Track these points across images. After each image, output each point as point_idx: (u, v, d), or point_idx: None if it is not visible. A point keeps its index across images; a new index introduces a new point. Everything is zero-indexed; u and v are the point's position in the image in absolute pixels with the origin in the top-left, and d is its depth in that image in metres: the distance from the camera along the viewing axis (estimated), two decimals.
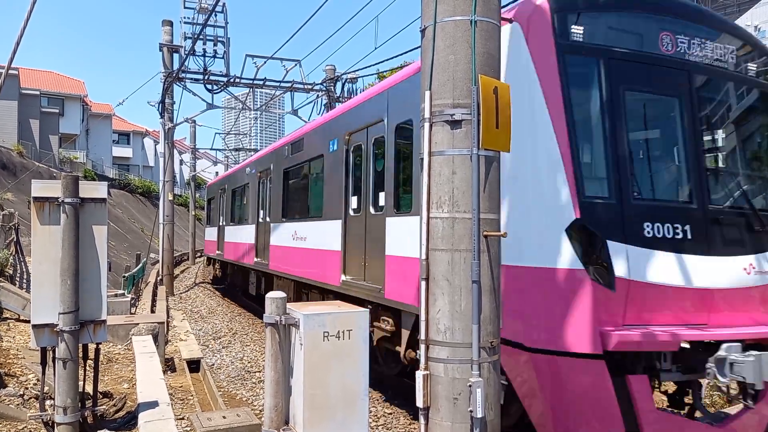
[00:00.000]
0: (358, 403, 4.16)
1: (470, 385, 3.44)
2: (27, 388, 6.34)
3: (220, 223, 21.00)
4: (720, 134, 5.38)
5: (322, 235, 9.45)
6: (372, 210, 7.74)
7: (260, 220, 14.44)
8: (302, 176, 11.15)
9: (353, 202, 8.46)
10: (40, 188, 4.98)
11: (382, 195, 7.40)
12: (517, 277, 4.51)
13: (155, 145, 58.10)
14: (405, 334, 6.79)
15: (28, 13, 6.12)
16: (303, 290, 11.09)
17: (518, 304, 4.48)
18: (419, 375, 3.61)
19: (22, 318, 10.34)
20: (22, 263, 14.81)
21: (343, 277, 8.52)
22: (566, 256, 4.25)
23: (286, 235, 11.70)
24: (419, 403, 3.61)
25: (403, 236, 6.62)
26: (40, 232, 4.94)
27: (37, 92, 40.46)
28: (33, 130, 39.45)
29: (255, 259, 14.64)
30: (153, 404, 5.48)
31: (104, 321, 5.16)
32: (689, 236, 4.70)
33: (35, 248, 4.95)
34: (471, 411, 3.43)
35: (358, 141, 8.42)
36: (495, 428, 3.61)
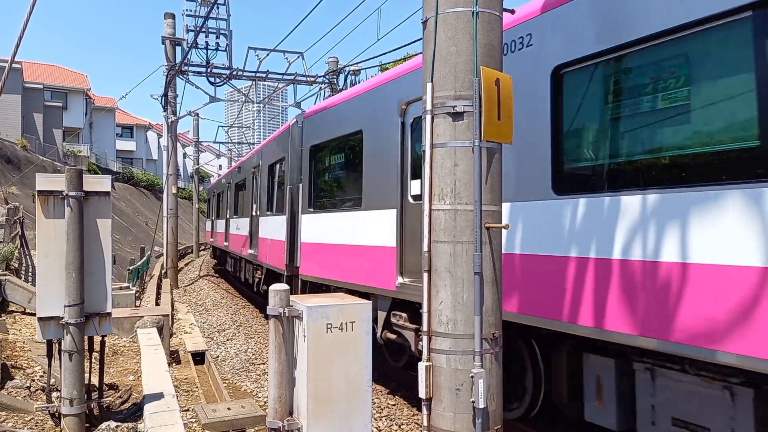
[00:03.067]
0: (361, 395, 4.19)
1: (472, 376, 3.46)
2: (33, 381, 6.40)
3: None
4: None
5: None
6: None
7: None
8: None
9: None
10: (44, 182, 5.01)
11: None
12: None
13: (158, 138, 58.14)
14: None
15: (31, 6, 6.13)
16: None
17: None
18: (421, 366, 3.63)
19: (28, 311, 10.41)
20: (28, 257, 14.88)
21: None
22: None
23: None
24: (422, 394, 3.63)
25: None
26: (45, 225, 4.97)
27: (41, 86, 40.52)
28: (36, 124, 39.54)
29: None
30: (158, 396, 5.53)
31: (109, 314, 5.20)
32: None
33: (40, 242, 4.99)
34: (473, 401, 3.45)
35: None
36: (497, 419, 3.63)
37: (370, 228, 7.70)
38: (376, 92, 7.79)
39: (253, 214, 15.63)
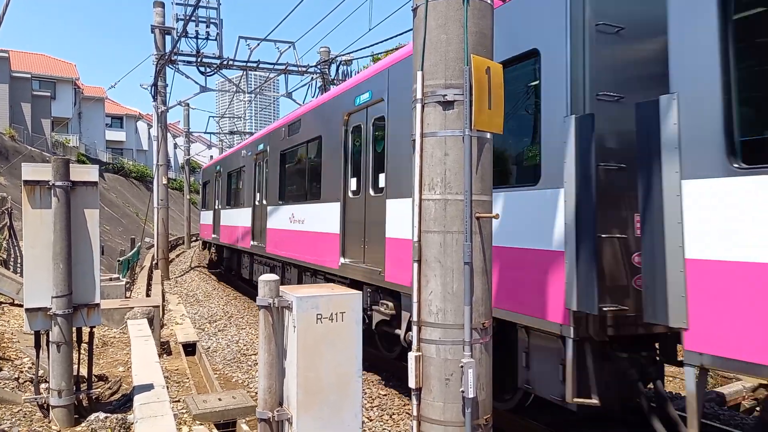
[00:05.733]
0: (351, 385, 4.18)
1: (462, 366, 3.46)
2: (22, 372, 6.35)
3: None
4: None
5: None
6: None
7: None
8: None
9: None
10: (30, 171, 4.94)
11: None
12: None
13: (149, 128, 57.67)
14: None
15: None
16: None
17: None
18: (411, 356, 3.63)
19: (16, 302, 10.33)
20: (16, 248, 14.76)
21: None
22: None
23: None
24: (411, 383, 3.63)
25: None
26: (32, 215, 4.91)
27: (28, 75, 40.00)
28: (24, 114, 39.06)
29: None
30: (148, 387, 5.50)
31: (98, 305, 5.15)
32: None
33: (27, 232, 4.93)
34: (463, 391, 3.46)
35: None
36: (486, 408, 3.64)
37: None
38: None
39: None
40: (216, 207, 20.51)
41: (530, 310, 4.80)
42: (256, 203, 14.47)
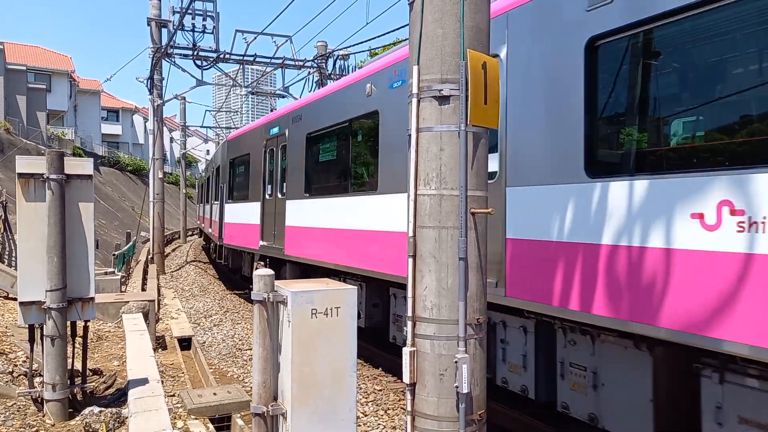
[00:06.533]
0: (346, 380, 4.18)
1: (456, 361, 3.46)
2: (16, 366, 6.34)
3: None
4: None
5: None
6: None
7: None
8: None
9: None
10: (24, 164, 4.92)
11: None
12: None
13: (145, 122, 57.42)
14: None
15: None
16: None
17: None
18: (406, 351, 3.63)
19: (11, 296, 10.30)
20: (11, 241, 14.70)
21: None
22: None
23: None
24: (406, 379, 3.64)
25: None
26: (26, 208, 4.89)
27: (24, 67, 39.73)
28: (20, 107, 38.81)
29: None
30: (143, 381, 5.50)
31: (92, 298, 5.14)
32: None
33: (21, 225, 4.91)
34: (457, 387, 3.46)
35: None
36: (480, 404, 3.64)
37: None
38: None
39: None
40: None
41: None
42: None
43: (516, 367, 5.61)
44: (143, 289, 14.49)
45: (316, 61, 21.48)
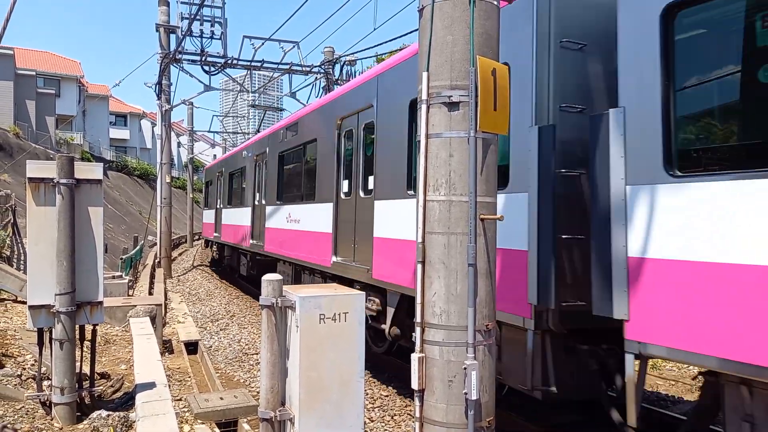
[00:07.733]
0: (353, 385, 4.18)
1: (465, 368, 3.45)
2: (24, 369, 6.36)
3: None
4: None
5: None
6: None
7: None
8: None
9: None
10: (35, 169, 4.95)
11: None
12: None
13: (152, 127, 57.77)
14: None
15: None
16: None
17: None
18: (414, 357, 3.62)
19: (19, 299, 10.35)
20: (20, 245, 14.79)
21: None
22: None
23: None
24: (414, 385, 3.62)
25: None
26: (36, 213, 4.92)
27: (33, 72, 40.07)
28: (29, 111, 39.12)
29: None
30: (150, 385, 5.50)
31: (101, 302, 5.16)
32: None
33: (31, 229, 4.93)
34: (466, 393, 3.45)
35: None
36: (489, 410, 3.63)
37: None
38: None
39: None
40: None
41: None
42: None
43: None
44: (150, 293, 14.53)
45: (323, 66, 21.57)
